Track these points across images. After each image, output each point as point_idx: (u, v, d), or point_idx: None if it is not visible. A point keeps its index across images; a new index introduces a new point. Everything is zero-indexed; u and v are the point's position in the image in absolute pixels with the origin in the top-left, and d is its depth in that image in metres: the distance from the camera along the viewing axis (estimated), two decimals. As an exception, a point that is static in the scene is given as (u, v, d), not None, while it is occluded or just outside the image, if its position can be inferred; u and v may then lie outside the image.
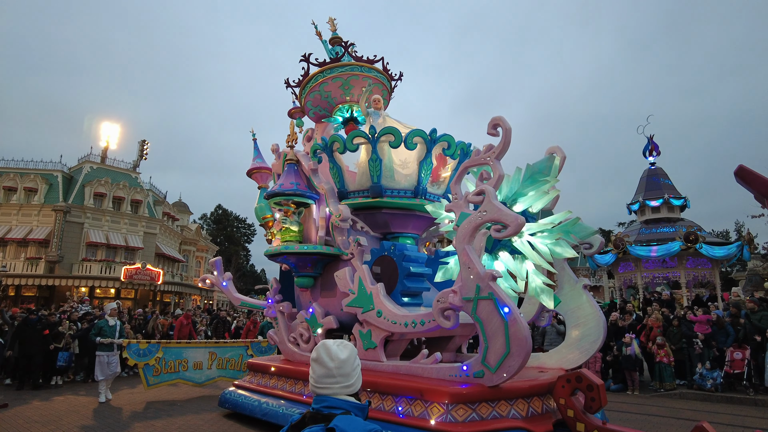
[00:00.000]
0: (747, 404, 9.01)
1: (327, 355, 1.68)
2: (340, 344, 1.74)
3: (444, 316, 4.15)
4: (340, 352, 1.66)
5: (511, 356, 3.76)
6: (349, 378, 1.64)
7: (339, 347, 1.70)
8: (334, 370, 1.63)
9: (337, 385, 1.62)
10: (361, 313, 4.93)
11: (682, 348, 10.84)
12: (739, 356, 10.17)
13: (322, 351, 1.71)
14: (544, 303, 4.47)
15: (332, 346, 1.71)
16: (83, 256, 33.30)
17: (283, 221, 5.55)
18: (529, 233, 4.52)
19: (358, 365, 1.70)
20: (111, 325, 8.02)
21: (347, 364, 1.65)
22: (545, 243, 4.35)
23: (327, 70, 6.48)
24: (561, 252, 4.33)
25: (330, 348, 1.70)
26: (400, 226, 5.74)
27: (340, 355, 1.65)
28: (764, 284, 23.05)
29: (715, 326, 11.01)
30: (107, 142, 38.38)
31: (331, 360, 1.65)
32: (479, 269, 3.93)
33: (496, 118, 4.33)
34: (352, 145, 5.39)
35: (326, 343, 1.74)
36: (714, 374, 10.12)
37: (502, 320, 3.78)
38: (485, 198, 4.00)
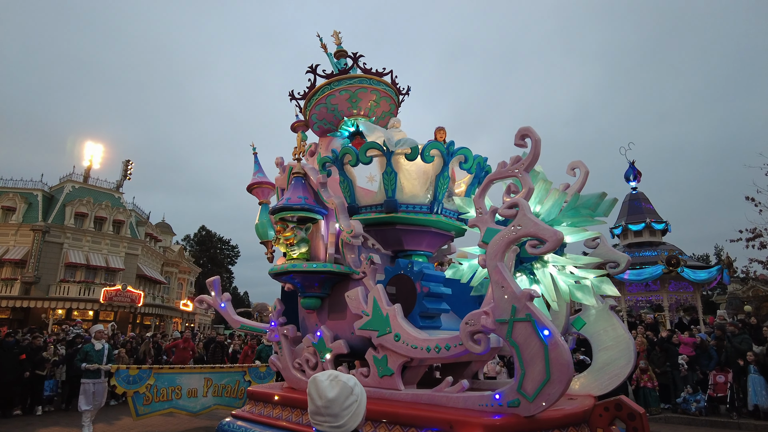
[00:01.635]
0: (731, 428, 8.98)
1: (315, 392, 1.58)
2: (333, 379, 1.60)
3: (474, 339, 3.83)
4: (329, 389, 1.56)
5: (552, 383, 3.44)
6: (337, 418, 1.54)
7: (329, 383, 1.58)
8: (321, 408, 1.55)
9: (325, 424, 1.55)
10: (377, 336, 4.58)
11: (666, 371, 10.79)
12: (722, 379, 10.25)
13: (311, 386, 1.62)
14: (585, 302, 4.19)
15: (322, 382, 1.59)
16: (61, 277, 32.32)
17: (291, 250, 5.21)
18: (553, 264, 4.31)
19: (354, 403, 1.58)
20: (98, 349, 7.50)
21: (335, 404, 1.54)
22: (567, 282, 4.13)
23: (335, 82, 6.24)
24: (581, 298, 4.09)
25: (319, 384, 1.59)
26: (414, 244, 5.44)
27: (327, 393, 1.55)
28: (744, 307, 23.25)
29: (698, 349, 11.05)
30: (90, 161, 37.73)
31: (319, 397, 1.56)
32: (514, 288, 3.63)
33: (524, 129, 4.10)
34: (366, 158, 5.12)
35: (316, 379, 1.62)
36: (698, 397, 10.13)
37: (542, 344, 3.47)
38: (519, 212, 3.73)
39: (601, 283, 4.18)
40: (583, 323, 4.98)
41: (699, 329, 15.98)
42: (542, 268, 4.45)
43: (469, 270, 4.79)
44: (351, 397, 1.57)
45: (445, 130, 5.81)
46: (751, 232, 19.66)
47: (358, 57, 6.34)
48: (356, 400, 1.59)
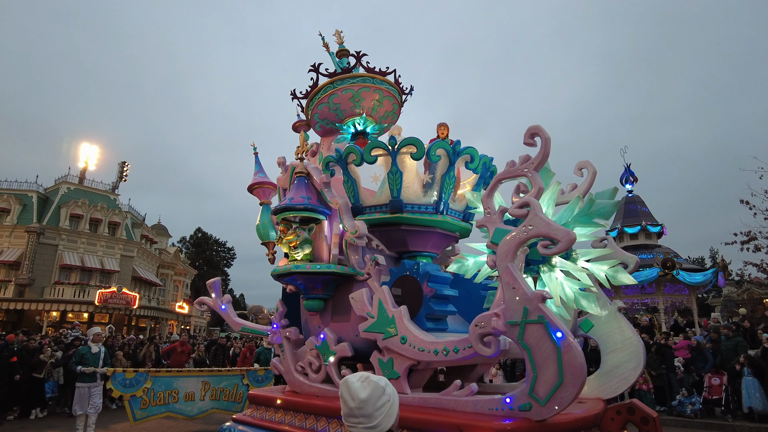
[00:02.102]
0: (725, 430, 9.08)
1: (348, 394, 1.57)
2: (364, 380, 1.59)
3: (483, 342, 3.74)
4: (361, 390, 1.55)
5: (564, 387, 3.36)
6: (371, 419, 1.54)
7: (361, 385, 1.57)
8: (354, 410, 1.54)
9: (360, 425, 1.54)
10: (382, 339, 4.49)
11: (661, 374, 10.83)
12: (716, 382, 10.36)
13: (343, 388, 1.60)
14: (589, 309, 4.12)
15: (354, 383, 1.59)
16: (56, 279, 32.06)
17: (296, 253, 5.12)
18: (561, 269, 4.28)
19: (386, 404, 1.58)
20: (94, 352, 7.37)
21: (368, 405, 1.53)
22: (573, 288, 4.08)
23: (337, 81, 6.15)
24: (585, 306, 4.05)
25: (351, 386, 1.58)
26: (419, 245, 5.35)
27: (360, 394, 1.54)
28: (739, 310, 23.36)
29: (694, 352, 11.11)
30: (86, 163, 37.51)
31: (351, 399, 1.55)
32: (526, 290, 3.55)
33: (533, 127, 4.02)
34: (370, 157, 5.03)
35: (348, 380, 1.61)
36: (693, 400, 10.20)
37: (554, 346, 3.39)
38: (530, 211, 3.66)
39: (617, 273, 4.13)
40: (591, 325, 4.91)
41: (694, 332, 16.04)
42: (549, 271, 4.39)
43: (474, 266, 4.72)
44: (383, 397, 1.56)
45: (447, 126, 5.74)
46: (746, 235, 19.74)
47: (362, 56, 6.27)
48: (389, 400, 1.58)
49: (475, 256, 4.63)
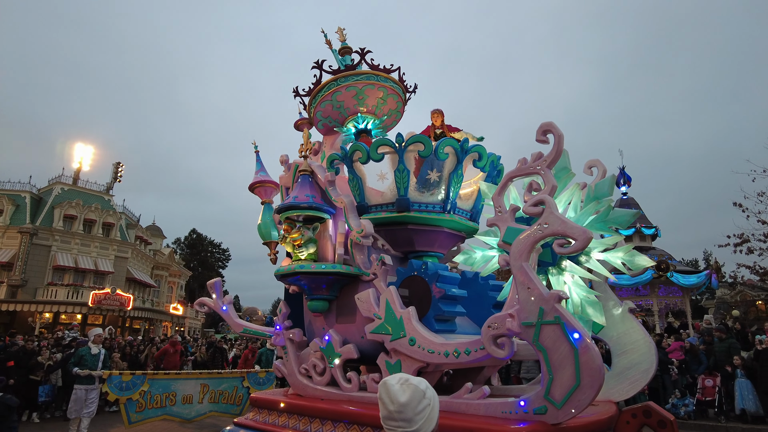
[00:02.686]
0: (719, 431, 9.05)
1: (387, 396, 1.53)
2: (404, 383, 1.54)
3: (497, 344, 3.65)
4: (401, 393, 1.51)
5: (582, 389, 3.27)
6: (411, 423, 1.49)
7: (401, 387, 1.53)
8: (394, 413, 1.50)
9: (399, 429, 1.50)
10: (390, 341, 4.38)
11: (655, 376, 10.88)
12: (710, 384, 10.45)
13: (382, 392, 1.56)
14: (595, 319, 4.05)
15: (393, 386, 1.54)
16: (49, 280, 31.78)
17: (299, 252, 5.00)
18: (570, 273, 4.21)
19: (427, 408, 1.54)
20: (94, 353, 7.21)
21: (408, 408, 1.49)
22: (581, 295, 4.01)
23: (341, 78, 6.05)
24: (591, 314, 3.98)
25: (390, 389, 1.54)
26: (425, 244, 5.25)
27: (399, 397, 1.50)
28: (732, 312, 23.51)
29: (688, 354, 11.16)
30: (80, 163, 37.25)
31: (391, 402, 1.51)
32: (542, 290, 3.46)
33: (545, 124, 3.94)
34: (377, 155, 4.93)
35: (387, 382, 1.57)
36: (686, 401, 10.28)
37: (571, 348, 3.30)
38: (545, 209, 3.57)
39: (633, 257, 4.08)
40: (601, 327, 4.81)
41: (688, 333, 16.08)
42: (558, 275, 4.30)
43: (481, 260, 4.62)
44: (424, 400, 1.51)
45: (442, 113, 5.63)
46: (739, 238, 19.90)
47: (366, 52, 6.16)
48: (429, 404, 1.53)
49: (483, 250, 4.53)
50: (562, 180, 4.22)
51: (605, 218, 4.10)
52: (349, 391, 4.70)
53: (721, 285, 30.81)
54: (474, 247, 4.58)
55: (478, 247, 4.55)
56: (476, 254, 4.51)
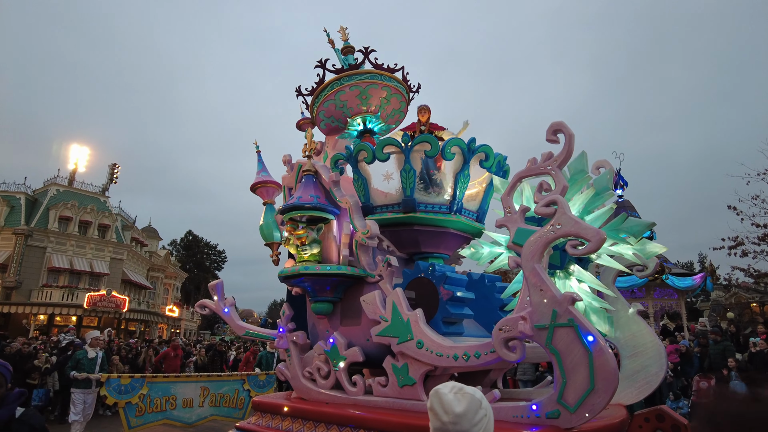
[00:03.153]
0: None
1: (440, 406, 1.44)
2: (458, 392, 1.47)
3: (508, 347, 3.57)
4: (456, 403, 1.42)
5: (596, 393, 3.20)
6: None
7: (455, 397, 1.44)
8: (448, 425, 1.40)
9: None
10: (397, 343, 4.31)
11: None
12: (705, 386, 10.44)
13: (434, 401, 1.47)
14: (598, 326, 4.01)
15: (446, 395, 1.46)
16: (44, 281, 31.56)
17: (303, 250, 4.93)
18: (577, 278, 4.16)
19: (484, 418, 1.46)
20: (91, 357, 7.10)
21: (464, 420, 1.40)
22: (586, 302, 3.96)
23: (345, 78, 5.98)
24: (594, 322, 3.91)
25: (443, 398, 1.45)
26: (431, 245, 5.18)
27: (454, 407, 1.41)
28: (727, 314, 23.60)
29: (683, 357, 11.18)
30: (76, 164, 37.06)
31: (445, 413, 1.41)
32: (555, 292, 3.40)
33: (555, 123, 3.88)
34: (383, 154, 4.86)
35: (439, 392, 1.48)
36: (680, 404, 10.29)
37: (586, 351, 3.23)
38: (558, 209, 3.50)
39: (644, 246, 4.05)
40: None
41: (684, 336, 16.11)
42: (564, 278, 4.25)
43: (488, 256, 4.56)
44: (480, 411, 1.43)
45: (429, 109, 5.55)
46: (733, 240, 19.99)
47: (370, 51, 6.09)
48: (486, 414, 1.46)
49: (491, 246, 4.46)
50: (578, 183, 4.10)
51: (618, 226, 4.02)
52: (355, 395, 4.62)
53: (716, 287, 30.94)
54: (482, 242, 4.51)
55: (486, 243, 4.48)
56: (483, 249, 4.44)
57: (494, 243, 4.49)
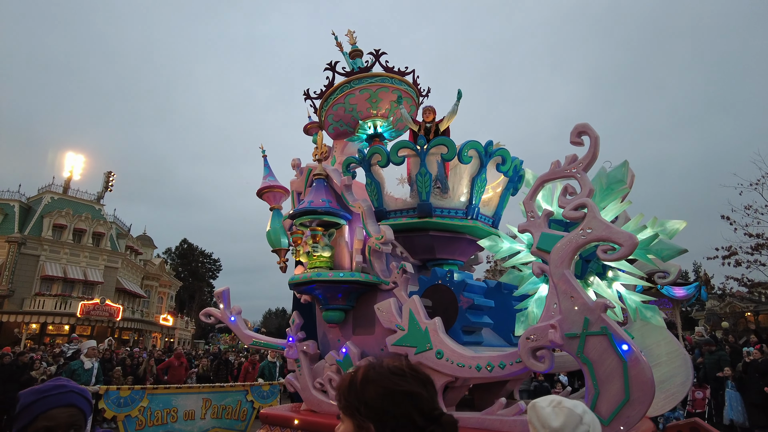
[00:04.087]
0: None
1: (537, 420, 1.37)
2: (556, 406, 1.36)
3: (536, 356, 3.42)
4: (553, 417, 1.33)
5: (631, 404, 3.05)
6: None
7: (552, 411, 1.35)
8: None
9: None
10: (414, 354, 4.14)
11: None
12: (700, 395, 10.53)
13: (532, 415, 1.41)
14: (654, 321, 3.85)
15: (543, 408, 1.37)
16: (37, 290, 31.10)
17: (314, 248, 4.76)
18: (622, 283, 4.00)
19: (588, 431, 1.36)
20: (87, 368, 6.85)
21: None
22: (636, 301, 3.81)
23: (355, 81, 5.86)
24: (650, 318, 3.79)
25: (540, 411, 1.38)
26: (446, 252, 5.03)
27: (551, 422, 1.32)
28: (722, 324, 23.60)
29: None
30: (71, 172, 36.72)
31: (542, 427, 1.34)
32: (586, 299, 3.26)
33: (580, 125, 3.76)
34: (397, 158, 4.72)
35: (536, 405, 1.41)
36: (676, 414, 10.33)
37: (620, 360, 3.09)
38: (588, 213, 3.37)
39: (664, 225, 3.89)
40: (631, 338, 4.61)
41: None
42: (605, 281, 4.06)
43: (506, 251, 4.26)
44: (581, 426, 1.31)
45: (434, 110, 5.39)
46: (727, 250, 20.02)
47: (380, 54, 5.98)
48: (587, 430, 1.33)
49: (511, 241, 4.28)
50: (616, 193, 3.89)
51: (647, 246, 3.85)
52: (369, 407, 4.43)
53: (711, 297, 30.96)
54: (502, 236, 4.32)
55: (506, 237, 4.30)
56: (503, 244, 4.25)
57: (515, 239, 4.30)
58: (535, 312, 4.16)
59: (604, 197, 4.00)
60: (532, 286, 4.25)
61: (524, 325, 4.11)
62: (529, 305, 4.19)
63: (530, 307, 4.17)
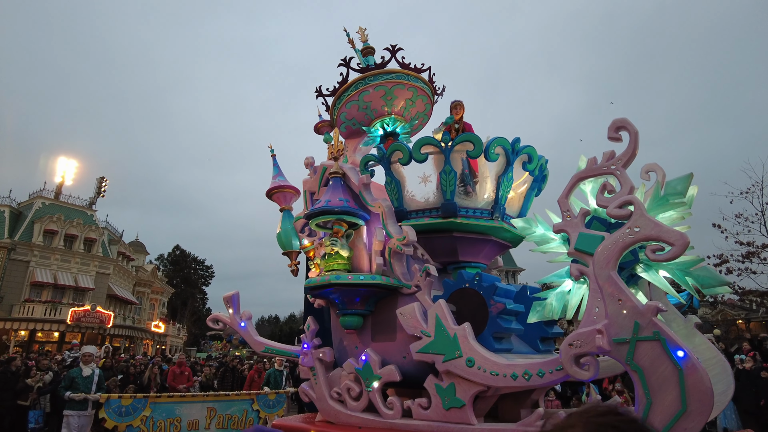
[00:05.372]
0: None
1: None
2: None
3: (580, 364, 3.20)
4: None
5: (689, 416, 2.84)
6: None
7: None
8: None
9: None
10: (442, 361, 3.90)
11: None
12: None
13: None
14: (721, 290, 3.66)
15: None
16: (26, 296, 30.52)
17: (333, 243, 4.52)
18: None
19: None
20: (86, 375, 6.54)
21: None
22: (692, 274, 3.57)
23: (370, 77, 5.65)
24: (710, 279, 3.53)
25: None
26: (470, 254, 4.81)
27: None
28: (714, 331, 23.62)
29: None
30: (63, 177, 36.21)
31: None
32: (636, 302, 3.05)
33: (618, 120, 3.57)
34: (420, 155, 4.51)
35: None
36: None
37: (675, 368, 2.88)
38: (635, 211, 3.17)
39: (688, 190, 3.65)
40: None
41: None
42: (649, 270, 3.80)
43: (540, 237, 4.03)
44: None
45: (463, 107, 5.19)
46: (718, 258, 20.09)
47: (397, 50, 5.78)
48: None
49: (546, 228, 4.05)
50: (670, 206, 3.59)
51: (687, 269, 3.63)
52: (391, 418, 4.18)
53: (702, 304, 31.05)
54: (538, 219, 4.08)
55: (542, 222, 4.07)
56: (537, 228, 4.01)
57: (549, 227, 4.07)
58: (554, 305, 3.97)
59: (656, 206, 3.72)
60: (556, 279, 4.05)
61: (538, 315, 3.93)
62: (549, 296, 3.99)
63: (550, 299, 3.98)
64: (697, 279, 3.68)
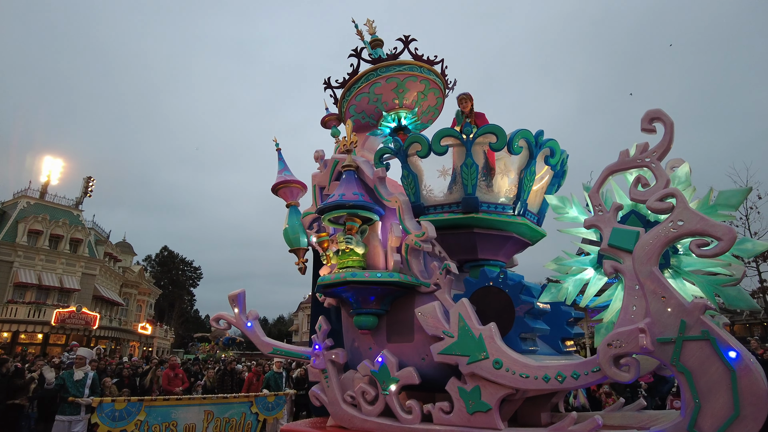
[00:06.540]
0: None
1: None
2: None
3: (619, 365, 3.03)
4: None
5: (743, 420, 2.68)
6: None
7: None
8: None
9: None
10: (466, 363, 3.71)
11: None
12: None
13: None
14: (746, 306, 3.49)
15: None
16: (9, 297, 29.80)
17: (347, 240, 4.31)
18: None
19: None
20: (77, 378, 6.25)
21: None
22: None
23: (382, 69, 5.46)
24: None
25: None
26: (490, 251, 4.62)
27: None
28: None
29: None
30: (48, 176, 35.50)
31: None
32: (681, 299, 2.88)
33: (653, 111, 3.42)
34: (440, 147, 4.32)
35: None
36: None
37: (726, 369, 2.72)
38: (678, 204, 3.01)
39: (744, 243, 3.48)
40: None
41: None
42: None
43: (572, 218, 3.96)
44: None
45: (471, 99, 5.01)
46: None
47: (410, 41, 5.60)
48: None
49: (580, 210, 3.91)
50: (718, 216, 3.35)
51: (712, 204, 3.47)
52: (410, 423, 3.97)
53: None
54: (574, 200, 3.94)
55: (577, 204, 3.93)
56: (571, 209, 3.88)
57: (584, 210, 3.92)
58: (570, 290, 3.84)
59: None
60: (577, 264, 3.90)
61: (552, 296, 3.84)
62: (567, 281, 3.85)
63: (567, 283, 3.83)
64: (726, 298, 3.51)
